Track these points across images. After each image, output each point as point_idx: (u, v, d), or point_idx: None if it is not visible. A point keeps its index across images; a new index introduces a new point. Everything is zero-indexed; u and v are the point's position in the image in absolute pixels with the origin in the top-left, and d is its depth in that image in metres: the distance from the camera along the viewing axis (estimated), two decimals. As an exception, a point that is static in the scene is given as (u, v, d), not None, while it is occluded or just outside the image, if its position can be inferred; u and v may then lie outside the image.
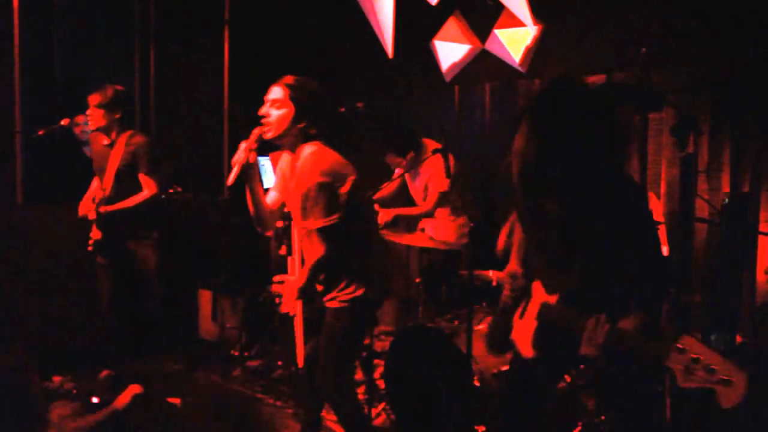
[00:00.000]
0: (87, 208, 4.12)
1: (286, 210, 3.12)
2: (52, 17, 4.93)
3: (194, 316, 5.16)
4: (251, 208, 2.89)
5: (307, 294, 2.90)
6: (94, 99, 4.01)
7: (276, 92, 2.79)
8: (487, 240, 4.19)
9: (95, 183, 4.26)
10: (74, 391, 4.05)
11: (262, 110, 2.79)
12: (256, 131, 2.77)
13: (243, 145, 2.75)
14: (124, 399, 3.18)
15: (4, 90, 4.66)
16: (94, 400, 3.81)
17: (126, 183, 4.06)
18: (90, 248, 4.11)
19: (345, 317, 2.89)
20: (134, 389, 3.25)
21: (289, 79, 2.80)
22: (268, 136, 2.77)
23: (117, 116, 4.07)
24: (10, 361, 2.32)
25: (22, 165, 4.73)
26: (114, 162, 4.05)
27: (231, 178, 2.72)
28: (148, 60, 5.54)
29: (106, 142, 4.12)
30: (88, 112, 4.02)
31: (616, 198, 2.12)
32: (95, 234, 4.06)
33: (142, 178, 4.10)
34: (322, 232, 2.76)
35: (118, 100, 4.05)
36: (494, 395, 3.43)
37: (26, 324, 4.52)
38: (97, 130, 4.07)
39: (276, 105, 2.77)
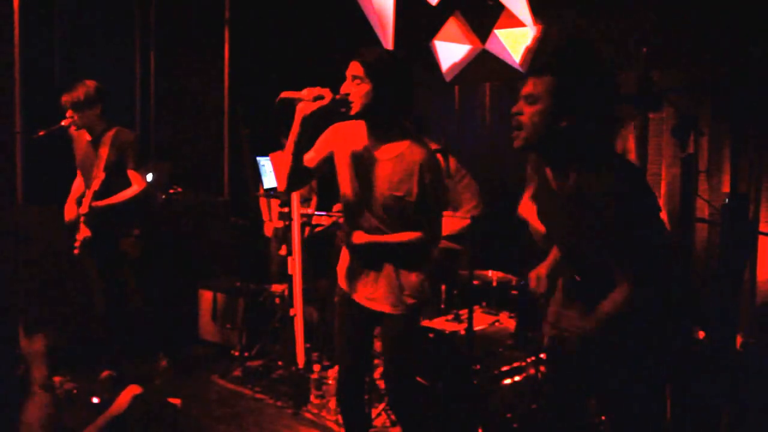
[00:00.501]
0: (74, 211, 4.09)
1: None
2: (52, 17, 4.92)
3: (194, 316, 5.16)
4: (289, 158, 2.71)
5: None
6: (67, 100, 3.93)
7: (354, 68, 2.62)
8: (486, 240, 4.21)
9: (76, 183, 4.23)
10: (74, 392, 4.05)
11: (343, 88, 2.63)
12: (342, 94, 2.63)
13: (325, 90, 2.58)
14: (124, 399, 3.18)
15: (4, 90, 4.66)
16: (94, 400, 3.81)
17: (114, 179, 4.03)
18: (77, 251, 4.09)
19: (410, 321, 2.83)
20: (134, 389, 3.24)
21: (364, 53, 2.62)
22: (351, 112, 2.62)
23: (96, 112, 4.01)
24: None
25: (22, 165, 4.73)
26: (101, 159, 4.00)
27: (287, 93, 2.58)
28: (149, 60, 5.54)
29: (89, 138, 4.08)
30: (67, 114, 3.95)
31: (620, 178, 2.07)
32: (84, 232, 4.02)
33: (131, 173, 4.06)
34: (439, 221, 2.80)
35: (91, 96, 3.95)
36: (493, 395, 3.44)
37: (26, 324, 4.52)
38: (81, 128, 4.03)
39: (355, 81, 2.61)
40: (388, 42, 4.42)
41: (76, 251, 4.08)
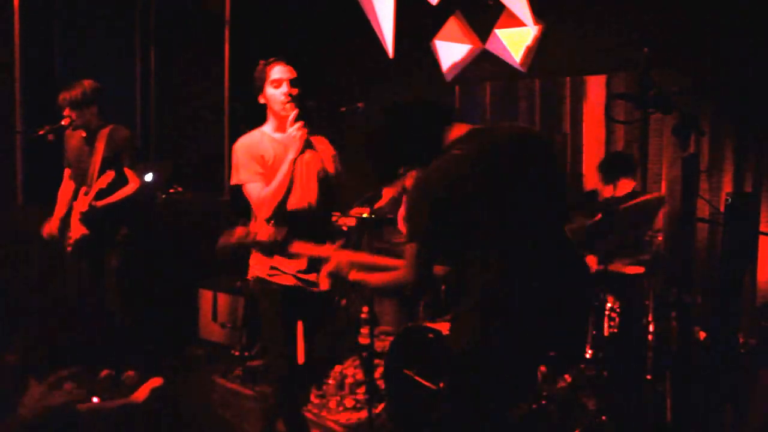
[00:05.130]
0: (54, 227, 4.10)
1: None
2: (52, 17, 4.92)
3: (194, 316, 5.16)
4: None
5: None
6: (64, 99, 3.93)
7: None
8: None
9: (65, 181, 4.22)
10: (74, 391, 4.05)
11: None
12: None
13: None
14: (144, 390, 3.18)
15: (4, 90, 4.65)
16: (94, 400, 3.80)
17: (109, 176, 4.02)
18: (69, 248, 4.08)
19: None
20: (155, 382, 3.23)
21: None
22: None
23: (93, 111, 4.00)
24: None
25: (22, 165, 4.73)
26: (98, 157, 3.99)
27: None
28: (149, 60, 5.54)
29: (83, 135, 4.07)
30: (64, 112, 3.95)
31: None
32: (80, 230, 4.00)
33: (127, 171, 4.05)
34: None
35: (88, 95, 3.96)
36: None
37: (26, 324, 4.52)
38: (78, 127, 4.02)
39: None
40: (388, 42, 4.42)
41: (69, 249, 4.07)
